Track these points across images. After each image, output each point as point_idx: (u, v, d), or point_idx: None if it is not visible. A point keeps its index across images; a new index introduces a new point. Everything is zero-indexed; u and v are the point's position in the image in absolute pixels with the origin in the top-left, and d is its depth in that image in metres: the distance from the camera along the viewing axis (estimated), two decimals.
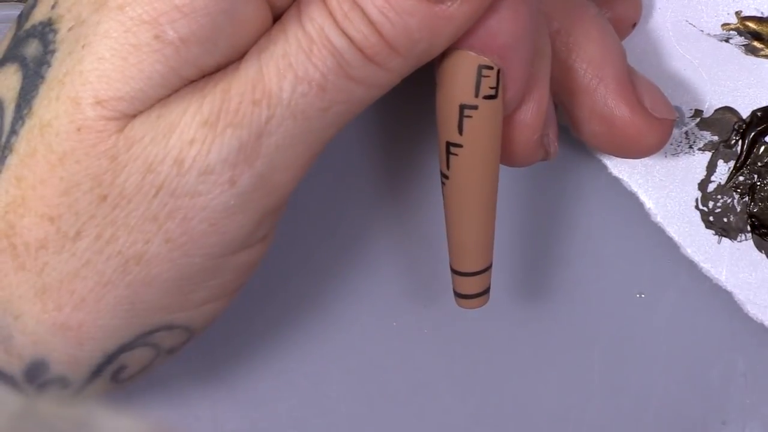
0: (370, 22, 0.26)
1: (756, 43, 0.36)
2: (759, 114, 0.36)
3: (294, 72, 0.26)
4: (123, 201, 0.27)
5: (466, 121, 0.28)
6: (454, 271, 0.31)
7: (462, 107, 0.28)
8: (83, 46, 0.27)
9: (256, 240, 0.29)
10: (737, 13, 0.36)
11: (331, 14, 0.26)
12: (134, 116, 0.27)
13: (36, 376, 0.29)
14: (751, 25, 0.36)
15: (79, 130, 0.26)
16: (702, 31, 0.36)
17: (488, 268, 0.30)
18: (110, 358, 0.29)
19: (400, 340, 0.37)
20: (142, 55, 0.26)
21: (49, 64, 0.27)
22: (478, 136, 0.28)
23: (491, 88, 0.28)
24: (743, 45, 0.36)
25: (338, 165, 0.37)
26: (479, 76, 0.28)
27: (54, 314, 0.28)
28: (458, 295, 0.31)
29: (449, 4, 0.26)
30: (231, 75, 0.27)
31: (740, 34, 0.36)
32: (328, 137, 0.28)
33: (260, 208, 0.27)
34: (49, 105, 0.27)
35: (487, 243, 0.30)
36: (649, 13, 0.36)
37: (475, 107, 0.28)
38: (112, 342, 0.28)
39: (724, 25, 0.36)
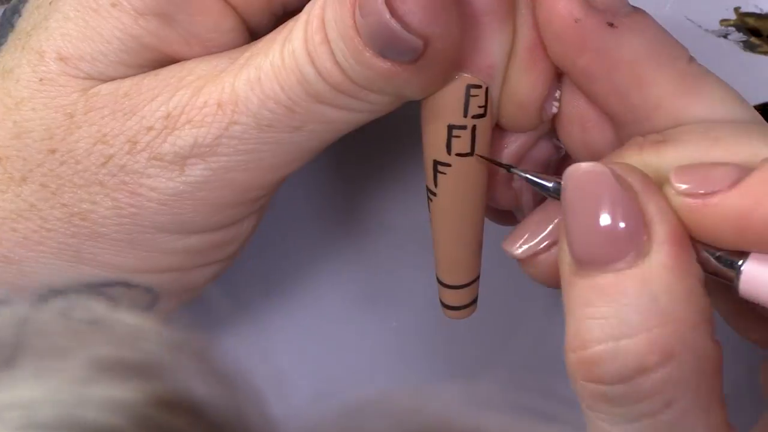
0: (336, 62, 0.25)
1: (754, 40, 0.36)
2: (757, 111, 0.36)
3: (261, 88, 0.26)
4: (71, 160, 0.28)
5: (454, 141, 0.27)
6: (441, 283, 0.29)
7: (450, 127, 0.27)
8: (50, 2, 0.28)
9: (214, 227, 0.29)
10: (736, 9, 0.36)
11: (305, 41, 0.26)
12: (102, 80, 0.27)
13: None
14: (750, 21, 0.36)
15: (41, 80, 0.28)
16: (700, 26, 0.36)
17: (476, 280, 0.29)
18: (56, 293, 0.29)
19: (400, 340, 0.37)
20: (102, 20, 0.27)
21: (19, 14, 0.29)
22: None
23: (480, 107, 0.26)
24: (741, 41, 0.36)
25: (337, 169, 0.37)
26: (468, 95, 0.26)
27: None
28: (445, 306, 0.30)
29: (404, 68, 0.25)
30: (211, 75, 0.27)
31: (739, 30, 0.36)
32: (309, 148, 0.27)
33: (213, 198, 0.28)
34: (14, 53, 0.28)
35: (476, 257, 0.29)
36: (647, 9, 0.36)
37: (464, 127, 0.27)
38: (58, 280, 0.29)
39: (722, 21, 0.36)
